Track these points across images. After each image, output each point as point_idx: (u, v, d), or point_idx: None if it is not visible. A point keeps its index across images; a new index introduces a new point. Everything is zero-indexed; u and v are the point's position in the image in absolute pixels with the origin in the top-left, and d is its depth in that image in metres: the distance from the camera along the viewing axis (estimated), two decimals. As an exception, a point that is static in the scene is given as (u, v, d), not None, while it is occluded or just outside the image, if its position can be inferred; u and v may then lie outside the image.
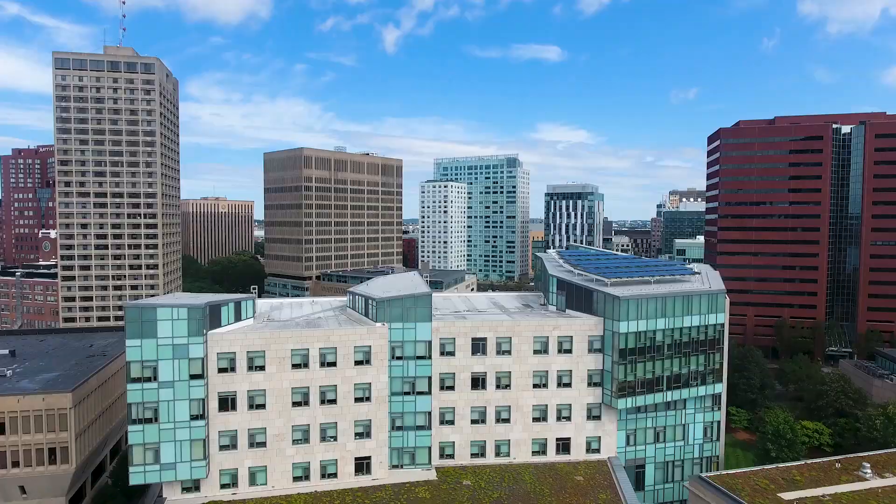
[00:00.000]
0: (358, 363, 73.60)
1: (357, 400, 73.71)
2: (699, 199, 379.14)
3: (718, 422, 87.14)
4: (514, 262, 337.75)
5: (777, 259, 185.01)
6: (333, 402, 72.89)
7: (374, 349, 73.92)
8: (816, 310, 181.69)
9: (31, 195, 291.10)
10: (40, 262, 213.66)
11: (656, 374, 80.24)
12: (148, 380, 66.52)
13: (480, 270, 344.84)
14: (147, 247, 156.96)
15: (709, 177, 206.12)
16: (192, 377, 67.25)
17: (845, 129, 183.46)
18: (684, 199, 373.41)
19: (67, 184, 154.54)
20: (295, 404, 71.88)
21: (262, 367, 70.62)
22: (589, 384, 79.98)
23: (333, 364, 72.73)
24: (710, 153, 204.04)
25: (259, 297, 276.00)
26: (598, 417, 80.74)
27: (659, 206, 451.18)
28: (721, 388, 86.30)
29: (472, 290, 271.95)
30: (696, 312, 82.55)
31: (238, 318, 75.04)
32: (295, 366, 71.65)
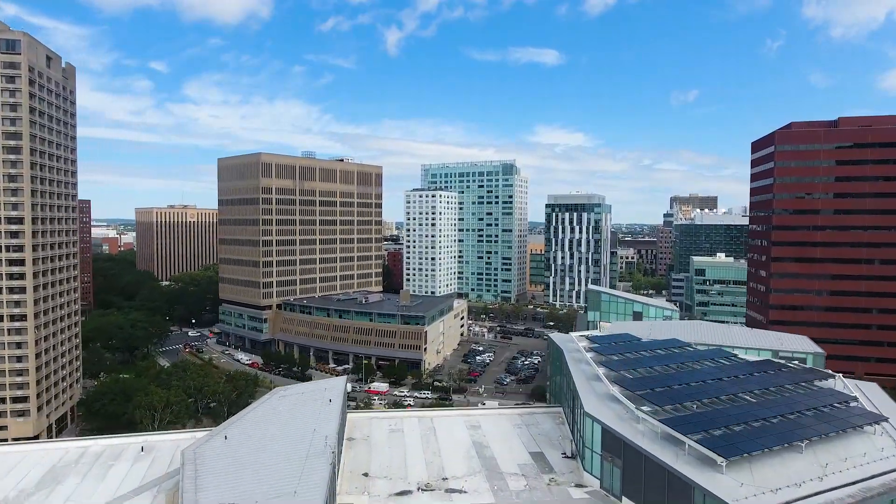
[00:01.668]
0: None
1: None
2: (715, 210, 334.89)
3: None
4: (510, 280, 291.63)
5: (849, 299, 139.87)
6: None
7: None
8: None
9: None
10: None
11: None
12: None
13: (473, 290, 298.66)
14: (11, 290, 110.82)
15: (754, 191, 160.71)
16: None
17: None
18: (698, 210, 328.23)
19: None
20: None
21: None
22: None
23: None
24: (756, 162, 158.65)
25: (215, 323, 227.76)
26: None
27: (667, 215, 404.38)
28: None
29: (462, 319, 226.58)
30: (913, 529, 37.23)
31: None
32: None
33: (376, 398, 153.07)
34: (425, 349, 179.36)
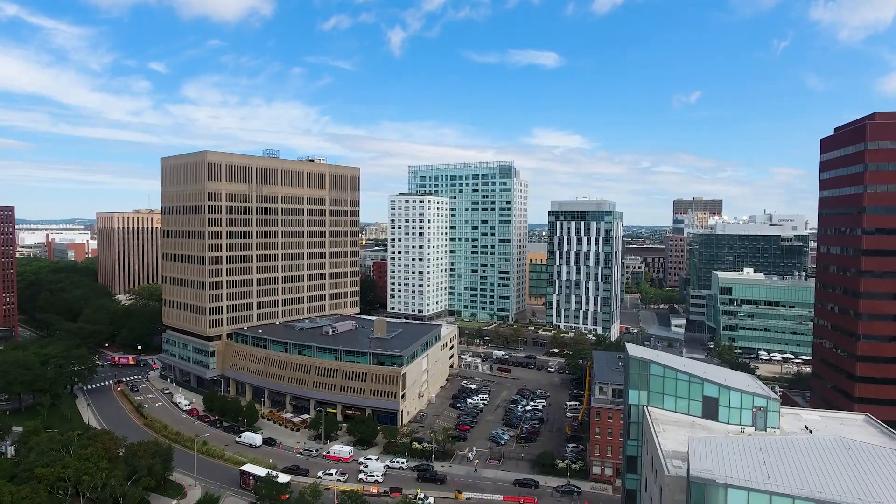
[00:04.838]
0: None
1: None
2: (735, 218, 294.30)
3: None
4: (508, 297, 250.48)
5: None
6: None
7: None
8: None
9: None
10: None
11: None
12: None
13: (466, 307, 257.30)
14: None
15: (827, 202, 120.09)
16: None
17: None
18: (717, 217, 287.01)
19: None
20: None
21: None
22: None
23: None
24: (830, 164, 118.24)
25: (160, 352, 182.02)
26: None
27: (677, 221, 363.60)
28: None
29: (452, 348, 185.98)
30: None
31: None
32: None
33: (334, 471, 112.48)
34: (403, 396, 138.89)
